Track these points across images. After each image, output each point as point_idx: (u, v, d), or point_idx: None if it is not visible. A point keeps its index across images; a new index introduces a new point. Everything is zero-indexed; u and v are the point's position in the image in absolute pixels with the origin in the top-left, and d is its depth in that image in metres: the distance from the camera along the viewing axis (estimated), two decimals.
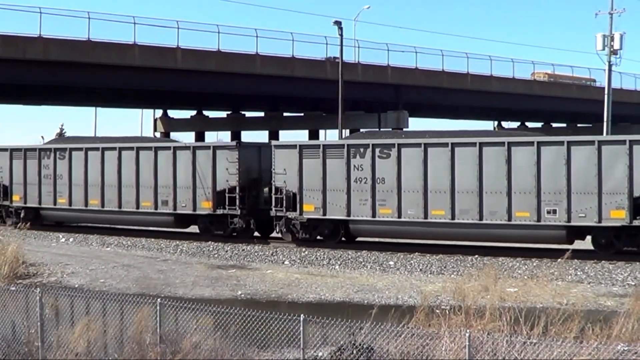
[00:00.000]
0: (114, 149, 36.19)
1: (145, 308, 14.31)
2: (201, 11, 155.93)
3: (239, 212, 32.56)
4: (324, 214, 30.67)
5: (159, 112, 70.10)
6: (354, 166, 30.02)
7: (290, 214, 31.25)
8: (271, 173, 31.70)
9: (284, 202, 31.24)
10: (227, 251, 30.99)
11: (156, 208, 34.72)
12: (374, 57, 57.40)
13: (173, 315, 14.82)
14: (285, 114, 67.17)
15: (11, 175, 39.49)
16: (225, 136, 74.85)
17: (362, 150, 30.03)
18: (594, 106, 60.05)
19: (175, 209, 34.23)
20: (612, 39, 51.43)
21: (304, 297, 22.88)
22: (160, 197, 34.56)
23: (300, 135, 67.71)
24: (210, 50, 49.16)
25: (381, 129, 57.43)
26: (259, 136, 73.38)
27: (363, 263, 27.98)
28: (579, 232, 27.51)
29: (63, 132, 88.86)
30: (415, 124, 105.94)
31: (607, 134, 52.59)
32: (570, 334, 13.16)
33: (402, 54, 59.02)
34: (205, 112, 69.01)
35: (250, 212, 32.93)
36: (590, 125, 76.46)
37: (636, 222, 25.92)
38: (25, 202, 39.04)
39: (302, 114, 65.98)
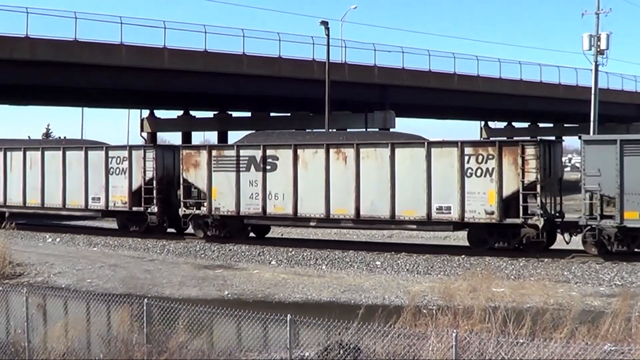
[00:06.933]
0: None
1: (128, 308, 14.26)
2: (188, 11, 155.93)
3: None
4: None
5: (145, 112, 69.90)
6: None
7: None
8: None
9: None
10: (214, 251, 30.95)
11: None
12: (361, 57, 57.39)
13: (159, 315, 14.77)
14: (272, 114, 67.06)
15: None
16: (212, 136, 74.79)
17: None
18: (580, 106, 60.18)
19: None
20: (599, 39, 51.53)
21: (291, 297, 22.85)
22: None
23: None
24: (197, 50, 49.02)
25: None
26: None
27: (350, 263, 27.97)
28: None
29: (50, 132, 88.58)
30: (402, 123, 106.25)
31: (593, 133, 52.79)
32: (557, 334, 13.17)
33: (389, 54, 58.96)
34: (192, 112, 68.87)
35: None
36: (577, 125, 76.72)
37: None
38: None
39: (289, 114, 65.81)
